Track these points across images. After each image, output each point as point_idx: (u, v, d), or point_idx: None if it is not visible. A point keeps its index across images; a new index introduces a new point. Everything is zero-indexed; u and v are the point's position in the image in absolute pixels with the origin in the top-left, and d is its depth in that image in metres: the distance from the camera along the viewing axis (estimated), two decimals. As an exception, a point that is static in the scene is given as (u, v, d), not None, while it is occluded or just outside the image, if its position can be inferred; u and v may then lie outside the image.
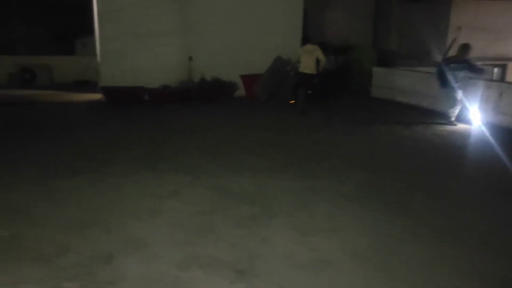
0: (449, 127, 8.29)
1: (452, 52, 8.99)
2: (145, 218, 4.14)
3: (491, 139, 7.16)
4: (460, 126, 8.38)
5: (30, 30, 14.40)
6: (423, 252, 3.60)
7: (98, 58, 11.19)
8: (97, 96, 10.82)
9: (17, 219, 4.05)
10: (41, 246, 3.55)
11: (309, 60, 9.16)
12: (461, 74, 8.18)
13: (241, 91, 11.51)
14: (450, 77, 8.16)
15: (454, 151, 6.84)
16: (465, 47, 8.31)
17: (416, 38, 14.14)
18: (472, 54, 8.33)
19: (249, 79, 11.21)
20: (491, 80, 10.92)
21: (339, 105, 10.77)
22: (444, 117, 8.70)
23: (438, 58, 13.18)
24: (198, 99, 10.65)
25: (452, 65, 8.21)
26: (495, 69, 14.54)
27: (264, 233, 3.89)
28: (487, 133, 7.62)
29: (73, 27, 14.24)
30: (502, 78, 14.58)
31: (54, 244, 3.59)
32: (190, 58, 11.21)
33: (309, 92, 9.38)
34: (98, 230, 3.85)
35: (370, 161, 6.14)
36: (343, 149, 6.79)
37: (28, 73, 12.56)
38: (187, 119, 8.90)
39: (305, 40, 10.20)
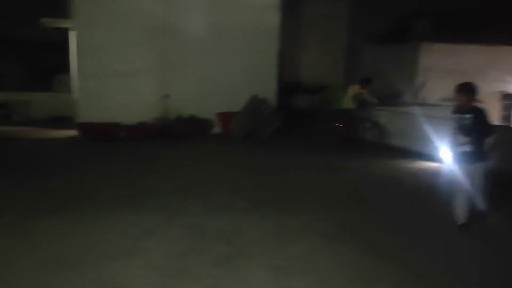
0: (422, 165, 8.53)
1: (423, 93, 9.38)
2: (121, 259, 4.10)
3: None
4: (432, 165, 8.63)
5: (7, 67, 14.35)
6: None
7: (76, 95, 11.20)
8: (74, 132, 10.76)
9: (-13, 261, 3.96)
10: (12, 289, 3.48)
11: None
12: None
13: (217, 129, 11.65)
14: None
15: (428, 190, 7.01)
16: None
17: (387, 79, 14.68)
18: (441, 95, 8.65)
19: (225, 117, 11.37)
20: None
21: (314, 145, 10.97)
22: (416, 155, 8.96)
23: (409, 98, 13.73)
24: (174, 136, 10.71)
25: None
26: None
27: (240, 273, 3.91)
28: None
29: (51, 63, 14.25)
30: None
31: (27, 286, 3.51)
32: (167, 96, 11.34)
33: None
34: (71, 272, 3.79)
35: (347, 200, 6.25)
36: (319, 187, 6.89)
37: (5, 109, 12.44)
38: (163, 156, 8.91)
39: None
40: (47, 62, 14.49)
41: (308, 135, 11.90)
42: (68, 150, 9.48)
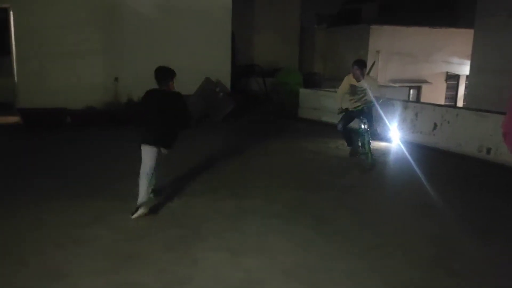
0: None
1: (372, 74, 9.50)
2: (67, 247, 3.89)
3: (409, 156, 7.61)
4: (382, 144, 8.83)
5: None
6: (351, 266, 3.70)
7: (15, 79, 10.55)
8: (14, 118, 10.15)
9: None
10: None
11: None
12: None
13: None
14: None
15: (376, 168, 7.17)
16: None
17: (338, 61, 14.87)
18: (390, 76, 8.86)
19: (177, 100, 11.11)
20: (408, 101, 11.68)
21: (266, 127, 10.95)
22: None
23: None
24: (124, 121, 10.33)
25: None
26: (411, 91, 15.65)
27: (194, 256, 3.81)
28: (405, 150, 8.09)
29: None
30: (417, 99, 15.70)
31: (-40, 280, 3.26)
32: (116, 79, 10.91)
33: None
34: (12, 263, 3.56)
35: (297, 180, 6.26)
36: (269, 168, 6.88)
37: None
38: (111, 142, 8.57)
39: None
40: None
41: (262, 117, 11.86)
42: (8, 138, 8.92)
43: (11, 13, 10.25)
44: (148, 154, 4.73)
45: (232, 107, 11.13)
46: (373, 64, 13.88)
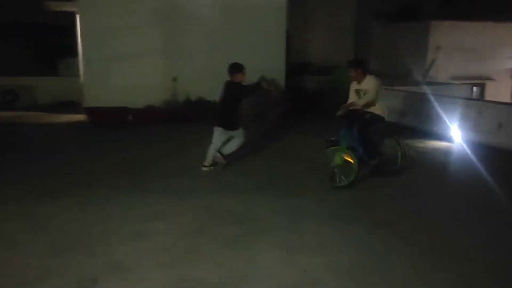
0: (432, 144, 8.43)
1: (432, 72, 9.18)
2: (130, 240, 4.09)
3: (472, 156, 7.30)
4: (442, 143, 8.52)
5: (13, 52, 14.29)
6: (409, 271, 3.62)
7: (82, 79, 11.15)
8: (81, 117, 10.74)
9: (-2, 244, 3.96)
10: (23, 271, 3.48)
11: None
12: None
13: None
14: None
15: (437, 168, 6.94)
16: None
17: (397, 58, 14.46)
18: (451, 73, 8.52)
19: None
20: (471, 99, 11.18)
21: (320, 125, 10.85)
22: (426, 134, 8.85)
23: (419, 77, 13.53)
24: (182, 119, 10.65)
25: None
26: (474, 88, 14.92)
27: (250, 253, 3.88)
28: (467, 150, 7.77)
29: (57, 48, 14.17)
30: (481, 97, 14.96)
31: (37, 269, 3.52)
32: (175, 79, 11.24)
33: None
34: (82, 254, 3.79)
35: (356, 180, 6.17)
36: (324, 168, 6.82)
37: (10, 95, 12.43)
38: (171, 139, 8.87)
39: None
40: (54, 46, 14.41)
41: (317, 116, 11.77)
42: (76, 135, 9.47)
43: (78, 16, 10.84)
44: (214, 134, 6.29)
45: (286, 105, 11.15)
46: (433, 61, 13.40)
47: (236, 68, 6.43)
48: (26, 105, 12.42)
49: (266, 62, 11.69)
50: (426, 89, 10.32)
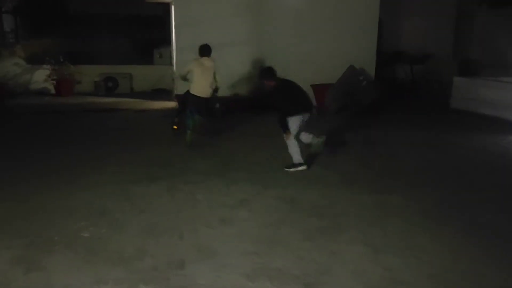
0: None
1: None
2: (216, 226, 4.24)
3: None
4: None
5: (112, 42, 15.38)
6: (503, 277, 3.36)
7: (174, 68, 11.66)
8: (172, 104, 11.26)
9: (99, 221, 4.31)
10: (121, 248, 3.76)
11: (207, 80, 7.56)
12: None
13: (312, 101, 11.41)
14: None
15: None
16: None
17: (502, 46, 13.27)
18: None
19: (320, 89, 11.10)
20: None
21: (412, 118, 10.35)
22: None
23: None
24: (267, 108, 10.70)
25: None
26: None
27: (333, 247, 3.83)
28: None
29: (152, 38, 14.99)
30: None
31: (133, 247, 3.78)
32: (261, 67, 11.33)
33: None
34: (172, 237, 4.00)
35: (446, 178, 5.83)
36: (415, 163, 6.52)
37: (111, 82, 13.36)
38: (257, 128, 8.99)
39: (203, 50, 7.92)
40: (150, 36, 15.26)
41: (408, 107, 11.25)
42: (165, 121, 9.91)
43: (173, 7, 11.32)
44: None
45: (376, 96, 10.74)
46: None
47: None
48: (125, 91, 13.29)
49: (356, 50, 11.37)
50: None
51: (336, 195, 5.13)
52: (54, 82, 12.40)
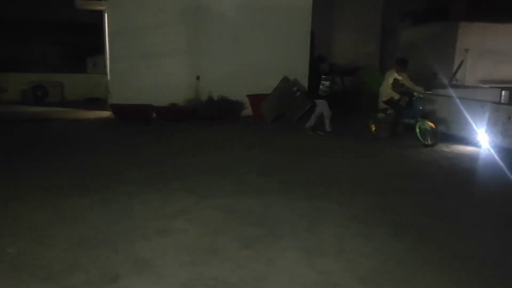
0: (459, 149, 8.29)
1: (459, 75, 8.97)
2: (152, 238, 4.16)
3: (500, 162, 7.14)
4: (468, 149, 8.36)
5: (43, 49, 14.71)
6: (431, 278, 3.58)
7: (108, 76, 11.36)
8: (106, 113, 10.95)
9: (26, 236, 4.09)
10: (50, 264, 3.58)
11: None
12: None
13: (248, 111, 11.59)
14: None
15: (463, 174, 6.81)
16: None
17: (423, 60, 14.21)
18: (480, 76, 8.32)
19: (256, 99, 11.30)
20: (499, 103, 10.89)
21: (347, 127, 10.79)
22: (451, 139, 8.71)
23: (445, 80, 13.27)
24: (205, 117, 10.73)
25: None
26: (503, 92, 14.52)
27: (270, 254, 3.89)
28: (495, 156, 7.60)
29: (85, 46, 14.52)
30: (510, 101, 14.55)
31: (62, 262, 3.62)
32: (198, 77, 11.34)
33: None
34: (105, 250, 3.88)
35: (378, 183, 6.13)
36: (350, 171, 6.79)
37: (40, 90, 12.76)
38: (194, 138, 8.96)
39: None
40: (82, 44, 14.75)
41: (340, 118, 11.69)
42: (101, 131, 9.66)
43: (106, 15, 11.04)
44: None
45: (309, 106, 11.08)
46: (461, 63, 13.14)
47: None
48: (55, 100, 12.74)
49: (290, 62, 11.69)
50: (453, 93, 10.10)
51: (273, 202, 5.21)
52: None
